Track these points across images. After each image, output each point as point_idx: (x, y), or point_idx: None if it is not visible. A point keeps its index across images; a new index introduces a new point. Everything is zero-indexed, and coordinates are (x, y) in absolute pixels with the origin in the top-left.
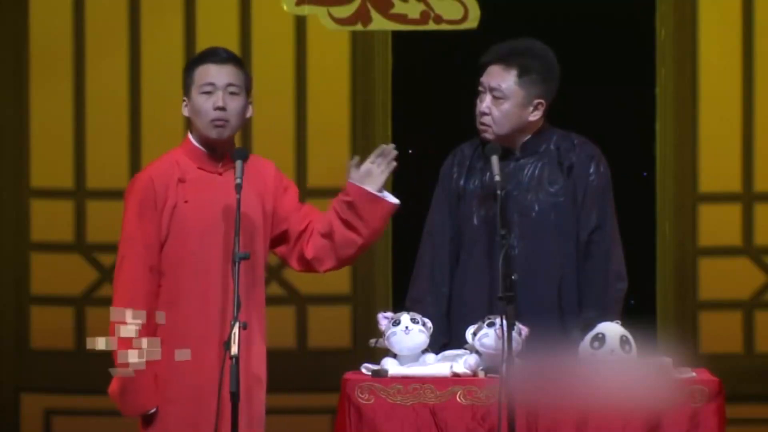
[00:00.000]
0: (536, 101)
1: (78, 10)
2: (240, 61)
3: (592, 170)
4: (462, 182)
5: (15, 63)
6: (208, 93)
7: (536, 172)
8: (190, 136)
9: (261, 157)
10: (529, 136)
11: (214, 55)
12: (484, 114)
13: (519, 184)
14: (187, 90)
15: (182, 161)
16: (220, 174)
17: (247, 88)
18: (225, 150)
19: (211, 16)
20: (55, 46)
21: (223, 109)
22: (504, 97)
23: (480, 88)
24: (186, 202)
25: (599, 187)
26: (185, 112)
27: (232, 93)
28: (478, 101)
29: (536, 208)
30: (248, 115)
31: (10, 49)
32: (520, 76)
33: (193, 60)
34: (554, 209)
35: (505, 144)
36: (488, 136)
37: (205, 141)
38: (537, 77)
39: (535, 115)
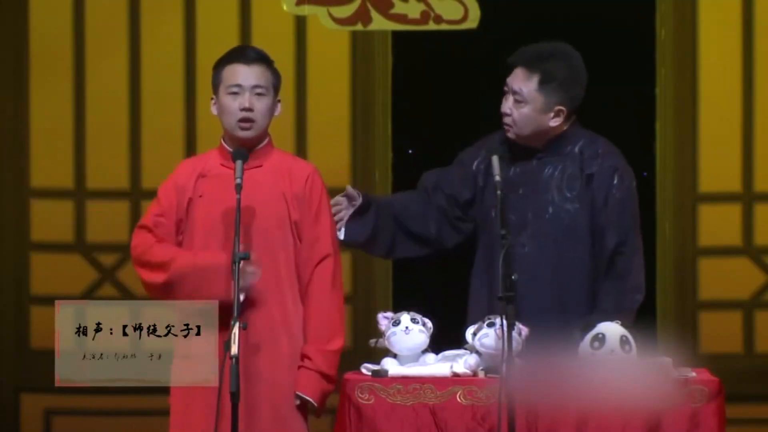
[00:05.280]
0: (557, 108)
1: (78, 10)
2: (269, 60)
3: (615, 182)
4: (483, 170)
5: (15, 63)
6: (235, 93)
7: (556, 173)
8: (222, 136)
9: (299, 159)
10: (553, 138)
11: (243, 55)
12: (506, 114)
13: (537, 184)
14: (215, 89)
15: (212, 158)
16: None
17: (276, 87)
18: (252, 149)
19: (211, 16)
20: (55, 46)
21: (249, 110)
22: (524, 101)
23: (505, 88)
24: (200, 196)
25: (622, 198)
26: (213, 110)
27: (258, 94)
28: (503, 100)
29: (550, 210)
30: (276, 113)
31: (10, 49)
32: (542, 82)
33: (222, 59)
34: (568, 213)
35: (529, 143)
36: (510, 135)
37: (231, 140)
38: (558, 85)
39: (555, 121)
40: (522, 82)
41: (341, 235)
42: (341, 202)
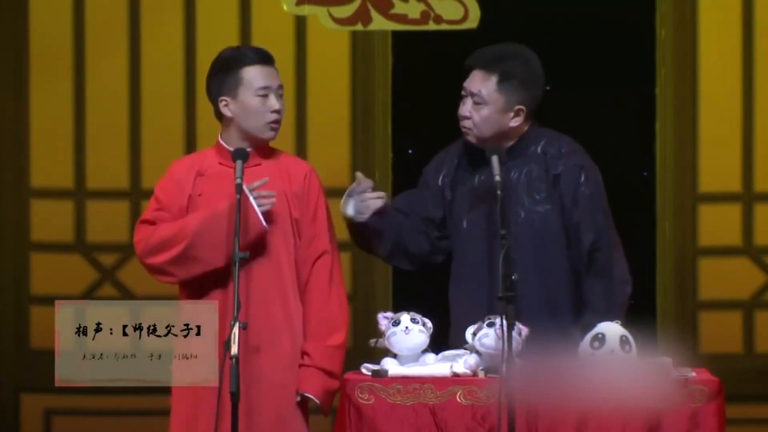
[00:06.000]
0: (517, 107)
1: (78, 10)
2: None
3: (581, 180)
4: (449, 183)
5: (15, 63)
6: (264, 96)
7: (522, 177)
8: (219, 136)
9: (296, 158)
10: (513, 141)
11: (263, 57)
12: (465, 118)
13: (505, 189)
14: (230, 90)
15: (209, 157)
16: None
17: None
18: (258, 148)
19: (211, 16)
20: (55, 46)
21: (278, 111)
22: (483, 103)
23: (462, 92)
24: (200, 195)
25: (592, 195)
26: (227, 111)
27: (280, 95)
28: (461, 104)
29: (522, 214)
30: None
31: (10, 49)
32: (500, 82)
33: (237, 59)
34: (539, 215)
35: (490, 147)
36: (471, 139)
37: (246, 140)
38: (518, 84)
39: (515, 121)
40: (481, 84)
41: (377, 205)
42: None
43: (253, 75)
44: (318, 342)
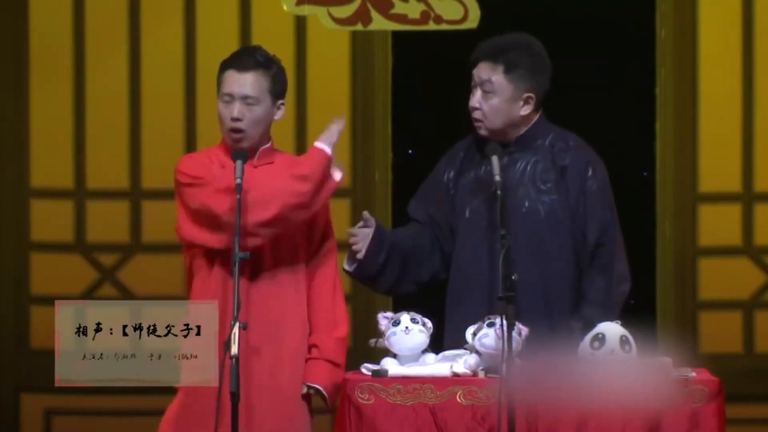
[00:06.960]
0: (525, 95)
1: (78, 10)
2: (268, 65)
3: (589, 174)
4: (453, 177)
5: (15, 63)
6: (227, 102)
7: (528, 167)
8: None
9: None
10: (523, 131)
11: (239, 62)
12: (475, 109)
13: (510, 179)
14: (217, 91)
15: (220, 155)
16: (255, 167)
17: (274, 93)
18: (256, 150)
19: (211, 16)
20: (55, 46)
21: (237, 119)
22: (493, 92)
23: (472, 82)
24: None
25: (598, 190)
26: None
27: (249, 104)
28: (471, 96)
29: (526, 204)
30: (276, 118)
31: (10, 49)
32: (507, 71)
33: (224, 61)
34: (544, 205)
35: (500, 138)
36: (482, 131)
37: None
38: (524, 71)
39: (525, 110)
40: (489, 73)
41: (349, 267)
42: (358, 233)
43: (225, 79)
44: (325, 334)
